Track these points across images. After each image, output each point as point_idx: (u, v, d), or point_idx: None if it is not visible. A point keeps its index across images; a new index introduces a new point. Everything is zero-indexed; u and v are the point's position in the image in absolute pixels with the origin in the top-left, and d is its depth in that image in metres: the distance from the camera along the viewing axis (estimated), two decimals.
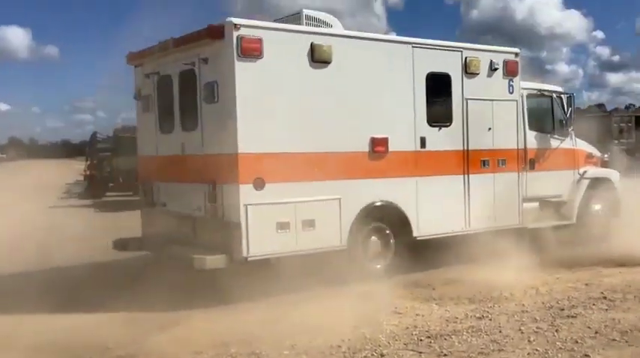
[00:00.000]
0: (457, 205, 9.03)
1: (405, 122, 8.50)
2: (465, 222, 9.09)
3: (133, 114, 9.26)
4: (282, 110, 7.42)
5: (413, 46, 8.59)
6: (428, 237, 8.68)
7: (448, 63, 8.93)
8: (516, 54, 9.69)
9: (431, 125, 8.73)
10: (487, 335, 5.86)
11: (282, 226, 7.40)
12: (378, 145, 8.19)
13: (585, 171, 10.91)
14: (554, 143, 10.48)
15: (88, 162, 23.14)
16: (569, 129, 10.72)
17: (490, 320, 6.36)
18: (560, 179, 10.51)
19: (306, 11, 8.58)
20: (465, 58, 9.04)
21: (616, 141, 40.16)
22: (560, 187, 10.52)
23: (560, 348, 5.47)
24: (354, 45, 8.08)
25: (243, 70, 7.10)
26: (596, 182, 10.96)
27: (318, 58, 7.64)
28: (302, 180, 7.57)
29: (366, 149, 8.14)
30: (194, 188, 7.79)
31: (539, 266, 8.71)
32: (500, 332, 5.95)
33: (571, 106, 10.63)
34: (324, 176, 7.73)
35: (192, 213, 7.86)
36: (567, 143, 10.68)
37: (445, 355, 5.39)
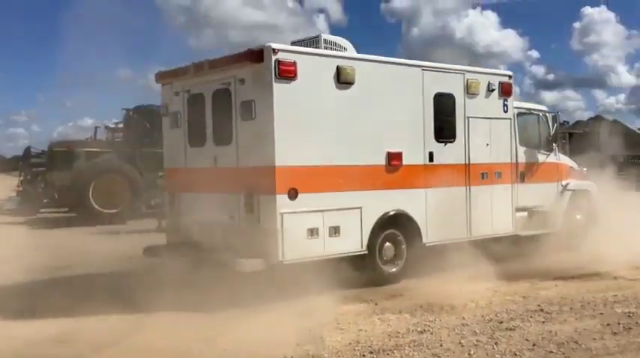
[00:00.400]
0: (460, 214, 9.86)
1: (416, 138, 9.32)
2: (467, 230, 9.93)
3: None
4: (312, 127, 8.14)
5: (422, 69, 9.43)
6: (435, 243, 9.47)
7: (452, 84, 9.80)
8: (510, 76, 10.64)
9: (438, 141, 9.56)
10: (428, 348, 5.96)
11: (312, 233, 8.10)
12: (394, 159, 8.97)
13: (568, 184, 11.93)
14: (541, 157, 11.47)
15: (22, 178, 22.48)
16: (554, 145, 11.74)
17: (431, 333, 6.46)
18: (546, 190, 11.50)
19: (324, 35, 9.38)
20: (467, 80, 9.93)
21: None
22: (546, 198, 11.49)
23: None
24: (373, 67, 8.86)
25: (279, 90, 7.79)
26: (577, 194, 11.98)
27: (343, 79, 8.40)
28: (329, 191, 8.28)
29: (383, 163, 8.91)
30: (226, 198, 8.41)
31: (484, 278, 8.93)
32: (441, 345, 6.06)
33: (555, 124, 11.66)
34: (347, 187, 8.46)
35: (224, 221, 8.47)
36: (552, 157, 11.69)
37: None
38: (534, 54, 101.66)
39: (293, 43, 9.36)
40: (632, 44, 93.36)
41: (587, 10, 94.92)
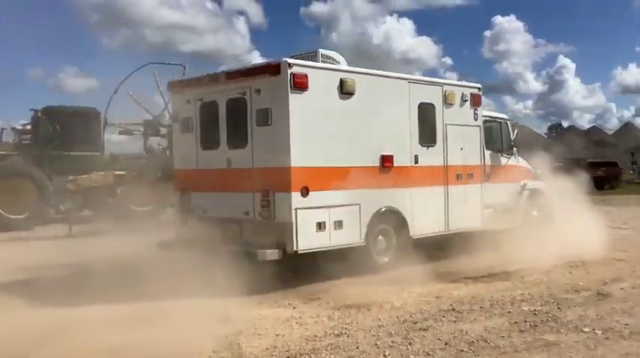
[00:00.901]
0: (439, 210, 11.12)
1: (404, 142, 10.51)
2: (445, 224, 11.19)
3: None
4: (319, 132, 9.17)
5: (409, 82, 10.66)
6: (420, 237, 10.68)
7: (433, 95, 11.05)
8: (479, 89, 12.00)
9: (422, 145, 10.79)
10: (345, 351, 6.04)
11: (320, 226, 9.13)
12: (387, 161, 10.12)
13: (526, 184, 13.40)
14: (503, 160, 12.89)
15: None
16: (514, 149, 13.19)
17: (348, 336, 6.55)
18: (508, 190, 12.93)
19: (321, 51, 10.41)
20: (445, 91, 11.21)
21: None
22: (508, 196, 12.92)
23: None
24: (369, 79, 9.98)
25: (294, 100, 8.81)
26: (533, 192, 13.48)
27: (345, 90, 9.49)
28: (334, 189, 9.33)
29: (378, 164, 10.04)
30: (241, 196, 9.35)
31: (399, 278, 9.30)
32: (357, 348, 6.15)
33: (516, 130, 13.12)
34: (349, 186, 9.53)
35: (239, 216, 9.40)
36: (513, 160, 13.14)
37: None
38: (448, 60, 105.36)
39: (292, 57, 10.37)
40: (539, 52, 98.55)
41: (498, 19, 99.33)
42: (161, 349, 6.16)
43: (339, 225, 9.38)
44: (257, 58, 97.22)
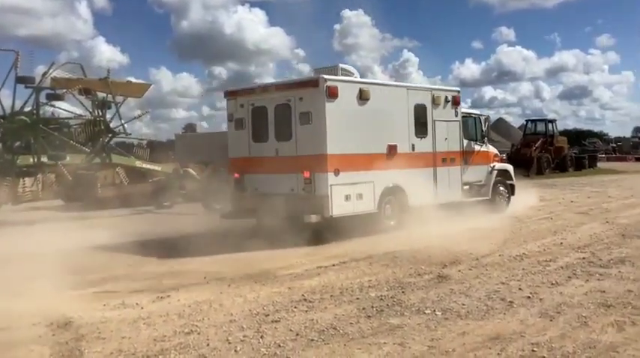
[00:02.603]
0: (429, 186, 14.52)
1: (404, 134, 13.86)
2: (434, 197, 14.59)
3: None
4: (345, 128, 12.45)
5: (407, 89, 14.07)
6: (416, 206, 14.08)
7: (424, 98, 14.45)
8: (458, 91, 15.44)
9: (417, 136, 14.16)
10: (195, 350, 5.85)
11: (347, 197, 12.45)
12: (392, 149, 13.47)
13: (494, 166, 16.92)
14: (477, 147, 16.37)
15: None
16: (485, 139, 16.70)
17: (199, 334, 6.33)
18: (481, 171, 16.43)
19: (341, 65, 13.71)
20: (433, 95, 14.61)
21: None
22: (481, 176, 16.43)
23: (265, 354, 5.68)
24: (379, 88, 13.33)
25: (328, 105, 12.08)
26: (501, 172, 17.02)
27: (363, 97, 12.79)
28: (356, 170, 12.64)
29: (385, 151, 13.38)
30: (287, 177, 12.60)
31: (257, 270, 9.55)
32: (208, 345, 5.97)
33: (487, 123, 16.64)
34: (366, 168, 12.85)
35: (285, 192, 12.65)
36: (484, 147, 16.64)
37: None
38: (301, 52, 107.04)
39: (316, 70, 13.69)
40: (385, 46, 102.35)
41: (347, 12, 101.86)
42: None
43: (360, 196, 12.70)
44: (102, 44, 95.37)
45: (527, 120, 44.37)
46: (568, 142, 43.13)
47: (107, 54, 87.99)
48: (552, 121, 42.31)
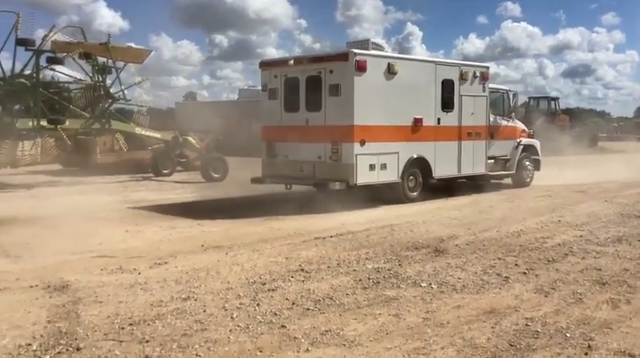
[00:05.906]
0: (454, 159, 15.03)
1: (430, 108, 14.37)
2: (458, 170, 15.13)
3: None
4: (372, 101, 13.02)
5: (436, 64, 14.51)
6: (440, 178, 14.64)
7: (452, 73, 14.88)
8: (487, 68, 15.82)
9: (443, 110, 14.65)
10: (191, 315, 5.86)
11: (372, 167, 13.09)
12: (417, 122, 14.00)
13: (520, 141, 17.30)
14: (504, 122, 16.76)
15: None
16: (512, 114, 17.07)
17: (195, 300, 6.35)
18: (507, 145, 16.84)
19: (372, 40, 14.21)
20: (461, 70, 15.02)
21: None
22: (506, 150, 16.85)
23: (261, 322, 5.70)
24: (408, 63, 13.84)
25: (357, 78, 12.66)
26: (527, 147, 17.39)
27: (391, 71, 13.32)
28: (381, 141, 13.23)
29: (410, 124, 13.93)
30: (316, 146, 13.26)
31: (251, 238, 9.70)
32: (204, 311, 5.99)
33: (515, 99, 16.99)
34: (390, 139, 13.44)
35: (314, 159, 13.34)
36: (511, 123, 17.02)
37: (147, 341, 5.24)
38: (303, 23, 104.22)
39: (348, 44, 14.23)
40: (389, 19, 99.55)
41: None
42: None
43: (384, 166, 13.33)
44: (103, 9, 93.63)
45: (529, 98, 43.79)
46: (570, 121, 42.74)
47: (108, 19, 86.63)
48: (555, 99, 42.10)
